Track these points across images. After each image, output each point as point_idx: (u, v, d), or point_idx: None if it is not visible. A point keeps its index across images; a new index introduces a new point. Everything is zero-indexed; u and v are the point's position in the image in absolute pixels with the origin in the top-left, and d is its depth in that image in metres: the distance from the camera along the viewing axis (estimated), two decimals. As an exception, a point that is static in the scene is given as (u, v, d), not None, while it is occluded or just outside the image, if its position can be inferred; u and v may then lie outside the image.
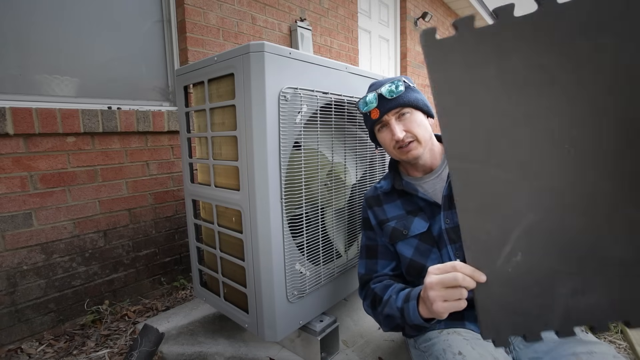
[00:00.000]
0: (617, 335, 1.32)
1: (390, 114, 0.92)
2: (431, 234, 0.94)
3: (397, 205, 1.00)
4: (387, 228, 1.00)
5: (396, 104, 0.91)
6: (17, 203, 1.29)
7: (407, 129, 0.91)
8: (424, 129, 0.92)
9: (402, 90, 0.91)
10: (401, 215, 0.99)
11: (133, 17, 1.72)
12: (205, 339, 1.25)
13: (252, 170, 0.91)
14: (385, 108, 0.92)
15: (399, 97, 0.91)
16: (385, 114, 0.92)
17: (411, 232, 0.95)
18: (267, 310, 0.96)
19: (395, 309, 0.83)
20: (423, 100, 0.94)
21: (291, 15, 2.50)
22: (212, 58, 0.99)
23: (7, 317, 1.28)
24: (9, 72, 1.36)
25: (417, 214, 0.96)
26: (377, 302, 0.92)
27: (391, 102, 0.91)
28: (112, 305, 1.55)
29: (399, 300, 0.83)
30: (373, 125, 0.96)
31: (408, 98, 0.91)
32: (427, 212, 0.95)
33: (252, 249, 0.95)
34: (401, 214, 0.99)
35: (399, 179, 1.00)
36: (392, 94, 0.90)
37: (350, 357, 1.12)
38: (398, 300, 0.83)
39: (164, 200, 1.74)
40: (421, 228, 0.94)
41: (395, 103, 0.91)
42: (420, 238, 0.95)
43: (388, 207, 1.02)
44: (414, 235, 0.95)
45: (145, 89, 1.78)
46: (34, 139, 1.33)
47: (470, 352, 0.78)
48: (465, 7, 5.50)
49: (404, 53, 4.25)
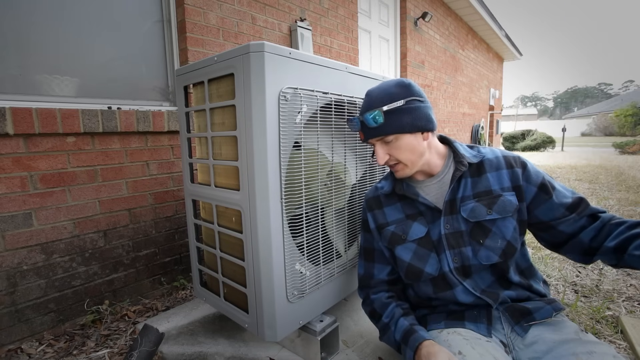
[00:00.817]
0: (617, 335, 1.32)
1: (373, 139, 0.93)
2: (430, 239, 0.94)
3: (397, 208, 1.00)
4: (387, 232, 1.00)
5: (376, 133, 0.90)
6: (17, 203, 1.29)
7: (390, 154, 0.92)
8: (410, 152, 0.90)
9: (382, 122, 0.88)
10: (401, 219, 0.99)
11: (133, 17, 1.72)
12: (205, 339, 1.25)
13: (252, 170, 0.91)
14: (367, 135, 0.93)
15: (379, 128, 0.89)
16: (369, 139, 0.93)
17: (410, 237, 0.95)
18: (267, 310, 0.96)
19: (393, 341, 0.91)
20: (412, 122, 0.88)
21: (291, 15, 2.50)
22: (212, 58, 0.99)
23: (7, 317, 1.28)
24: (9, 72, 1.36)
25: (416, 218, 0.96)
26: (375, 317, 1.00)
27: (372, 130, 0.90)
28: (112, 305, 1.55)
29: (398, 333, 0.90)
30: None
31: (390, 127, 0.88)
32: (427, 217, 0.95)
33: (252, 249, 0.95)
34: (401, 217, 0.99)
35: (399, 183, 1.00)
36: (371, 124, 0.89)
37: (350, 357, 1.12)
38: (397, 334, 0.90)
39: (164, 200, 1.74)
40: (420, 233, 0.95)
41: (376, 132, 0.90)
42: (418, 243, 0.95)
43: (388, 209, 1.02)
44: (412, 240, 0.95)
45: (145, 89, 1.78)
46: (34, 139, 1.33)
47: (470, 351, 0.78)
48: (465, 7, 5.50)
49: (404, 53, 4.25)
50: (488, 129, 8.11)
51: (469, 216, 0.90)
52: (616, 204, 3.46)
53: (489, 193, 0.90)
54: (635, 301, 1.57)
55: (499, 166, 0.92)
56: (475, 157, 0.94)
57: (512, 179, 0.90)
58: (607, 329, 1.37)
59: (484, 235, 0.89)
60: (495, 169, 0.92)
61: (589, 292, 1.67)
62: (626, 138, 13.77)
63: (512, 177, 0.91)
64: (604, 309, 1.49)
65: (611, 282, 1.76)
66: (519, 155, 0.94)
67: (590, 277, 1.83)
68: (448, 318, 0.92)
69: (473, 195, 0.91)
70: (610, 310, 1.50)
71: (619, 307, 1.52)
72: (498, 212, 0.88)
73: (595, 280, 1.80)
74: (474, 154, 0.96)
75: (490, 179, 0.91)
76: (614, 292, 1.66)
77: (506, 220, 0.89)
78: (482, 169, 0.93)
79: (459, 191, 0.92)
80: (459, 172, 0.92)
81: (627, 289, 1.69)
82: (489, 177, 0.92)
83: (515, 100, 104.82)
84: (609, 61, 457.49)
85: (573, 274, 1.89)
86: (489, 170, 0.92)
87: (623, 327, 1.33)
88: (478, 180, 0.92)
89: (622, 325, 1.34)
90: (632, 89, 73.90)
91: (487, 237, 0.89)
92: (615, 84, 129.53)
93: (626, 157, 9.34)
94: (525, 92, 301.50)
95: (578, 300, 1.58)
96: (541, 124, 34.70)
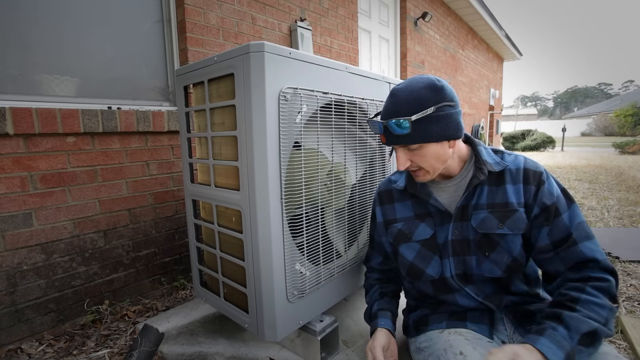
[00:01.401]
0: (617, 335, 1.32)
1: (396, 145, 0.86)
2: (435, 242, 0.93)
3: (408, 205, 0.99)
4: (393, 229, 0.99)
5: (401, 141, 0.83)
6: (17, 203, 1.29)
7: (413, 160, 0.85)
8: (435, 160, 0.84)
9: (408, 130, 0.80)
10: (410, 217, 0.98)
11: (133, 17, 1.72)
12: (205, 339, 1.25)
13: (252, 170, 0.91)
14: (391, 141, 0.85)
15: (405, 137, 0.82)
16: (392, 144, 0.87)
17: (415, 237, 0.95)
18: (267, 310, 0.96)
19: (368, 320, 1.06)
20: (441, 132, 0.81)
21: (291, 15, 2.50)
22: (212, 58, 0.99)
23: (7, 317, 1.28)
24: (9, 72, 1.36)
25: (424, 219, 0.95)
26: (366, 294, 1.14)
27: (396, 138, 0.83)
28: (112, 305, 1.55)
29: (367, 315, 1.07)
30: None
31: (416, 137, 0.81)
32: (435, 219, 0.93)
33: (252, 249, 0.95)
34: (410, 216, 0.98)
35: (413, 181, 0.96)
36: (396, 130, 0.81)
37: (350, 357, 1.12)
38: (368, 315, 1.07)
39: (164, 200, 1.74)
40: (425, 235, 0.94)
41: (401, 140, 0.83)
42: (423, 244, 0.94)
43: (399, 206, 1.01)
44: (417, 240, 0.95)
45: (145, 89, 1.78)
46: (34, 139, 1.33)
47: (472, 352, 0.77)
48: (465, 7, 5.50)
49: (404, 53, 4.25)
50: (488, 129, 8.11)
51: (478, 226, 0.87)
52: (616, 204, 3.46)
53: (505, 206, 0.85)
54: (635, 301, 1.57)
55: (518, 179, 0.86)
56: (497, 165, 0.87)
57: (525, 196, 0.85)
58: (607, 329, 1.37)
59: (490, 249, 0.86)
60: (515, 182, 0.86)
61: (589, 292, 1.67)
62: (626, 138, 13.77)
63: (525, 193, 0.85)
64: (604, 309, 1.49)
65: (611, 282, 1.76)
66: (541, 171, 0.86)
67: (590, 277, 1.83)
68: (450, 318, 0.92)
69: (487, 205, 0.87)
70: (610, 310, 1.49)
71: (619, 307, 1.52)
72: (510, 228, 0.84)
73: (595, 280, 1.79)
74: (497, 160, 0.89)
75: (508, 190, 0.86)
76: (614, 292, 1.66)
77: (516, 237, 0.84)
78: (502, 179, 0.87)
79: (473, 198, 0.88)
80: (476, 179, 0.86)
81: (627, 289, 1.69)
82: (507, 189, 0.86)
83: (515, 100, 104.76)
84: (609, 61, 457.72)
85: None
86: (509, 182, 0.86)
87: (623, 327, 1.33)
88: (496, 190, 0.87)
89: (622, 325, 1.34)
90: (632, 89, 73.89)
91: (493, 251, 0.86)
92: (615, 84, 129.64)
93: (626, 157, 9.34)
94: (525, 92, 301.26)
95: (578, 300, 1.58)
96: (541, 124, 34.70)
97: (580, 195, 3.97)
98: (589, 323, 0.70)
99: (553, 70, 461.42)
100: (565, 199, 0.84)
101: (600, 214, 3.10)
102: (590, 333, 0.69)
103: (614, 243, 2.29)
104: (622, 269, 1.92)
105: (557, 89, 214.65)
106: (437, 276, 0.92)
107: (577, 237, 0.80)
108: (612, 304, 0.73)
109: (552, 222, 0.82)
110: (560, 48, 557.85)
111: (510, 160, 0.89)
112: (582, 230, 0.80)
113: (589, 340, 0.69)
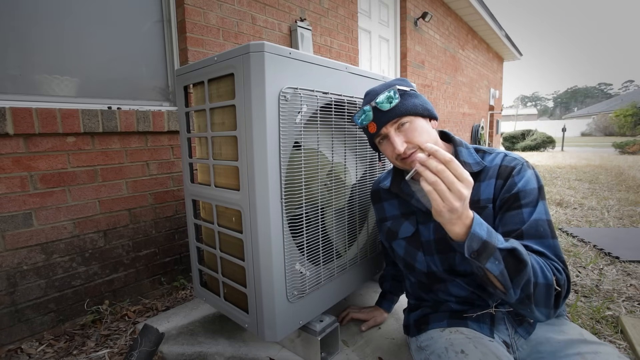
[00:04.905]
0: (617, 335, 1.32)
1: (388, 125, 0.86)
2: (419, 239, 0.95)
3: (394, 204, 1.03)
4: (384, 227, 1.06)
5: (393, 115, 0.85)
6: (17, 203, 1.29)
7: (408, 140, 0.85)
8: (427, 135, 0.85)
9: (398, 100, 0.84)
10: (396, 215, 1.02)
11: (133, 17, 1.72)
12: (205, 339, 1.25)
13: (252, 170, 0.91)
14: (382, 121, 0.86)
15: (395, 108, 0.84)
16: (383, 127, 0.87)
17: (400, 235, 1.00)
18: (267, 310, 0.96)
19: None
20: (423, 105, 0.87)
21: (291, 15, 2.50)
22: (212, 58, 0.99)
23: (7, 317, 1.28)
24: (9, 72, 1.36)
25: (407, 218, 0.99)
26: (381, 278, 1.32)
27: (387, 114, 0.85)
28: (112, 305, 1.55)
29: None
30: (373, 138, 0.92)
31: (405, 107, 0.85)
32: (418, 217, 0.96)
33: (252, 249, 0.95)
34: (396, 214, 1.02)
35: (397, 181, 0.99)
36: (387, 106, 0.84)
37: (350, 357, 1.12)
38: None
39: (164, 200, 1.74)
40: (407, 232, 0.98)
41: (392, 115, 0.85)
42: (407, 241, 0.98)
43: (387, 205, 1.06)
44: (402, 237, 0.99)
45: (145, 89, 1.78)
46: (34, 139, 1.33)
47: (473, 350, 0.77)
48: (465, 7, 5.50)
49: (404, 53, 4.25)
50: (488, 129, 8.11)
51: None
52: (616, 204, 3.46)
53: (477, 203, 0.85)
54: (635, 301, 1.57)
55: (492, 176, 0.85)
56: (477, 165, 0.87)
57: (494, 191, 0.84)
58: (607, 329, 1.37)
59: None
60: (489, 178, 0.86)
61: (589, 292, 1.67)
62: (626, 138, 13.77)
63: (495, 188, 0.84)
64: (604, 309, 1.49)
65: (611, 282, 1.76)
66: (514, 165, 0.84)
67: (590, 277, 1.83)
68: (451, 317, 0.92)
69: None
70: (610, 310, 1.49)
71: (619, 307, 1.52)
72: None
73: (595, 280, 1.79)
74: (477, 161, 0.89)
75: (481, 188, 0.86)
76: (614, 292, 1.66)
77: None
78: (478, 178, 0.87)
79: None
80: None
81: (627, 289, 1.69)
82: (481, 187, 0.86)
83: (515, 100, 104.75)
84: (609, 61, 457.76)
85: (573, 274, 1.88)
86: (483, 180, 0.86)
87: (623, 327, 1.33)
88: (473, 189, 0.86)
89: (622, 325, 1.35)
90: (632, 89, 73.87)
91: None
92: (615, 84, 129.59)
93: (626, 157, 9.34)
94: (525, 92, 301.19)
95: (578, 301, 1.58)
96: (541, 124, 34.71)
97: (580, 195, 3.97)
98: (524, 254, 0.66)
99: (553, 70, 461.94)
100: (538, 195, 0.80)
101: (600, 214, 3.10)
102: (518, 258, 0.66)
103: (614, 243, 2.29)
104: (622, 269, 1.92)
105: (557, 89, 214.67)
106: (426, 270, 0.95)
107: (526, 233, 0.77)
108: (554, 282, 0.70)
109: (509, 213, 0.80)
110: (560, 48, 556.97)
111: (489, 159, 0.88)
112: (537, 228, 0.76)
113: (512, 261, 0.66)
